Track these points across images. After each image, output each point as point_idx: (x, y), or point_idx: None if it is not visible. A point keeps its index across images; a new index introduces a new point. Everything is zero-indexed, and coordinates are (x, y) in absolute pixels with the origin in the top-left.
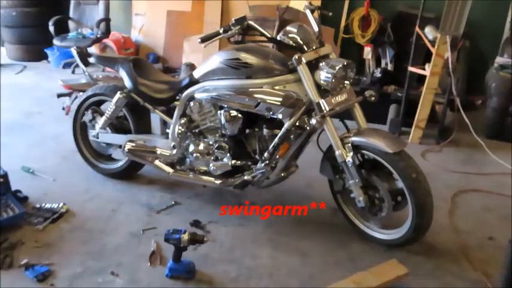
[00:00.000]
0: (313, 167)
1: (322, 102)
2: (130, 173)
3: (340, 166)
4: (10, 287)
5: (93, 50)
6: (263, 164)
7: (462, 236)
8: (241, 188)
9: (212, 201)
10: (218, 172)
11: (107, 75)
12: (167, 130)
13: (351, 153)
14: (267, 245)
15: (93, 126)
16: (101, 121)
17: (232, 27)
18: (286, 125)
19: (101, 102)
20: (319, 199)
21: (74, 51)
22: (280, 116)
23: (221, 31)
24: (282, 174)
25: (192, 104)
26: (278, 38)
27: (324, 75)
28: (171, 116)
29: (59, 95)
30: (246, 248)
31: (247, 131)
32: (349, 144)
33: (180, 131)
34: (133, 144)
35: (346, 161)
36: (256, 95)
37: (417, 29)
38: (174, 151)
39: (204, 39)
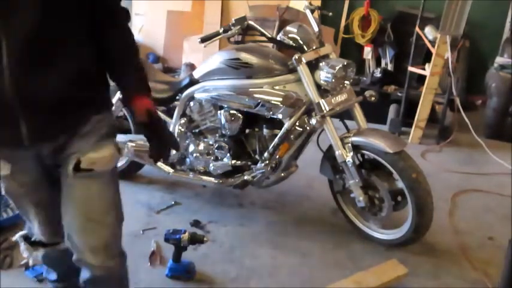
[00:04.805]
0: (313, 167)
1: (322, 102)
2: (130, 173)
3: (340, 166)
4: (10, 287)
5: None
6: (263, 164)
7: (462, 236)
8: (241, 188)
9: (212, 201)
10: (218, 172)
11: None
12: None
13: (351, 153)
14: (267, 245)
15: None
16: None
17: (232, 27)
18: (286, 125)
19: None
20: (319, 199)
21: None
22: (280, 116)
23: (221, 31)
24: (282, 174)
25: (192, 104)
26: (278, 38)
27: (324, 75)
28: (171, 116)
29: None
30: (246, 248)
31: (247, 131)
32: (349, 144)
33: (180, 131)
34: (134, 144)
35: (346, 161)
36: (256, 95)
37: (417, 29)
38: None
39: (204, 39)
